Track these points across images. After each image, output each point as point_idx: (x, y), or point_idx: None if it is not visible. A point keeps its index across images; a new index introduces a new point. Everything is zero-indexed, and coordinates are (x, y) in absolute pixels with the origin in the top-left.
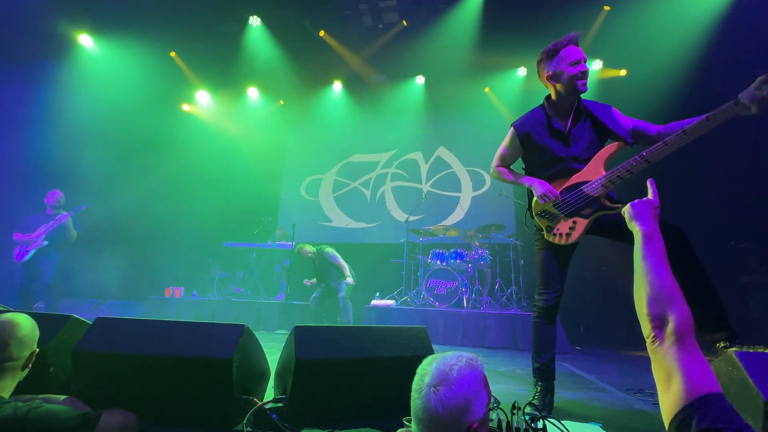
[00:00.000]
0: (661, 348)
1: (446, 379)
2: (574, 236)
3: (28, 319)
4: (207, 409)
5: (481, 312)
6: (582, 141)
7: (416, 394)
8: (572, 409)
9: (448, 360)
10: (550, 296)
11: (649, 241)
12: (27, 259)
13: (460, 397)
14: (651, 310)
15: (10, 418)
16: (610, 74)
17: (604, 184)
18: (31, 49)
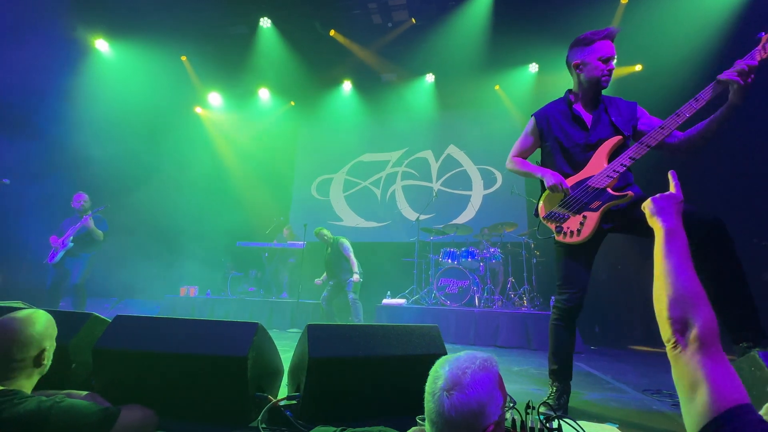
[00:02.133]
0: (683, 354)
1: (460, 383)
2: (586, 232)
3: (40, 317)
4: (223, 405)
5: (494, 311)
6: (602, 130)
7: (430, 397)
8: (588, 409)
9: (462, 362)
10: (569, 296)
11: (672, 239)
12: (56, 261)
13: (474, 402)
14: (672, 313)
15: (34, 412)
16: (624, 71)
17: (609, 175)
18: (51, 55)
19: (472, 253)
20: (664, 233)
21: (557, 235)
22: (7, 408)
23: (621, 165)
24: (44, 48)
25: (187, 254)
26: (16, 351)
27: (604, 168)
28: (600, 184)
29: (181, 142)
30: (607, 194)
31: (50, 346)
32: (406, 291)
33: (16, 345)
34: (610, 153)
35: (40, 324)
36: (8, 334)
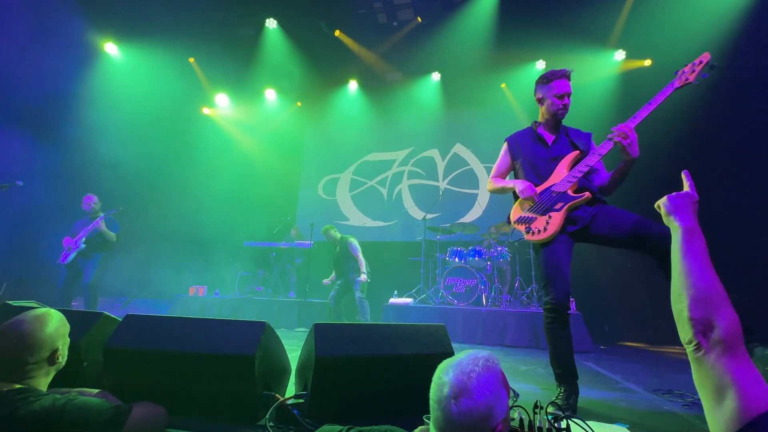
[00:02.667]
0: (707, 357)
1: (466, 389)
2: (551, 229)
3: (54, 316)
4: (231, 403)
5: (501, 310)
6: (562, 147)
7: (436, 405)
8: (597, 409)
9: (465, 366)
10: (555, 291)
11: (690, 237)
12: (69, 261)
13: (482, 406)
14: (694, 314)
15: (49, 409)
16: (633, 65)
17: (569, 180)
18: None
19: (480, 252)
20: (681, 232)
21: (526, 234)
22: (23, 405)
23: (579, 171)
24: (57, 51)
25: (195, 254)
26: (28, 354)
27: (565, 176)
28: (562, 188)
29: (190, 143)
30: (568, 196)
31: (63, 344)
32: (413, 290)
33: (27, 349)
34: (570, 165)
35: (52, 324)
36: (20, 338)
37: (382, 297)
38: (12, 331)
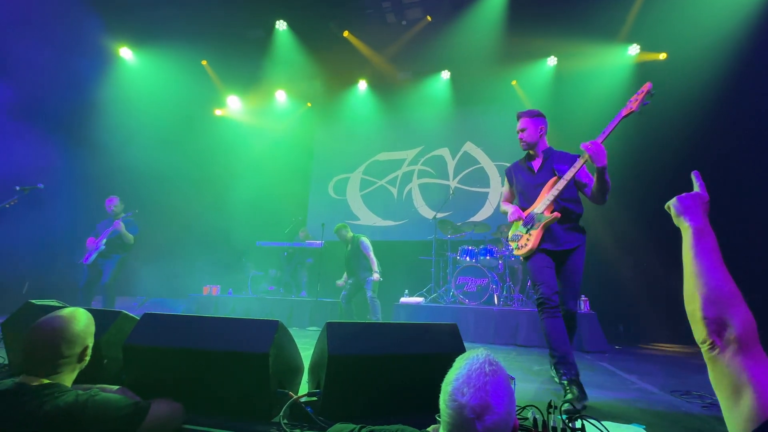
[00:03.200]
0: (722, 356)
1: (488, 406)
2: (532, 244)
3: (83, 314)
4: (246, 401)
5: (513, 309)
6: (545, 174)
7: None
8: (612, 409)
9: (476, 379)
10: (545, 286)
11: (701, 237)
12: (90, 261)
13: (505, 414)
14: (707, 313)
15: (73, 404)
16: (647, 58)
17: (545, 203)
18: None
19: (491, 250)
20: (692, 232)
21: (516, 250)
22: (49, 401)
23: (552, 195)
24: (76, 58)
25: (209, 254)
26: (64, 348)
27: (544, 198)
28: (540, 210)
29: (202, 145)
30: (544, 216)
31: (91, 343)
32: (423, 289)
33: (64, 343)
34: (550, 189)
35: (82, 322)
36: (57, 333)
37: (393, 296)
38: (46, 327)
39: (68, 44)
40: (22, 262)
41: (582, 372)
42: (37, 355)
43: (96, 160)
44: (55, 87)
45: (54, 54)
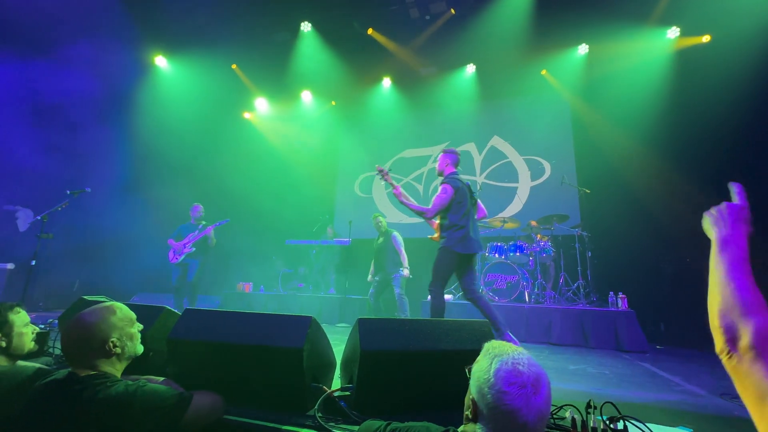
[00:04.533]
0: (741, 365)
1: (540, 376)
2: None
3: (114, 309)
4: (282, 394)
5: (545, 307)
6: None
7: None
8: (655, 411)
9: (517, 356)
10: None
11: (722, 248)
12: (180, 261)
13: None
14: (721, 322)
15: (123, 393)
16: (689, 42)
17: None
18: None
19: (521, 247)
20: (715, 243)
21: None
22: (102, 389)
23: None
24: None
25: (241, 252)
26: (87, 341)
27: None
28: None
29: (231, 146)
30: None
31: (117, 336)
32: (452, 287)
33: (87, 336)
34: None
35: (110, 317)
36: (83, 327)
37: (420, 293)
38: (76, 321)
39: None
40: (73, 262)
41: (620, 371)
42: (68, 349)
43: (136, 166)
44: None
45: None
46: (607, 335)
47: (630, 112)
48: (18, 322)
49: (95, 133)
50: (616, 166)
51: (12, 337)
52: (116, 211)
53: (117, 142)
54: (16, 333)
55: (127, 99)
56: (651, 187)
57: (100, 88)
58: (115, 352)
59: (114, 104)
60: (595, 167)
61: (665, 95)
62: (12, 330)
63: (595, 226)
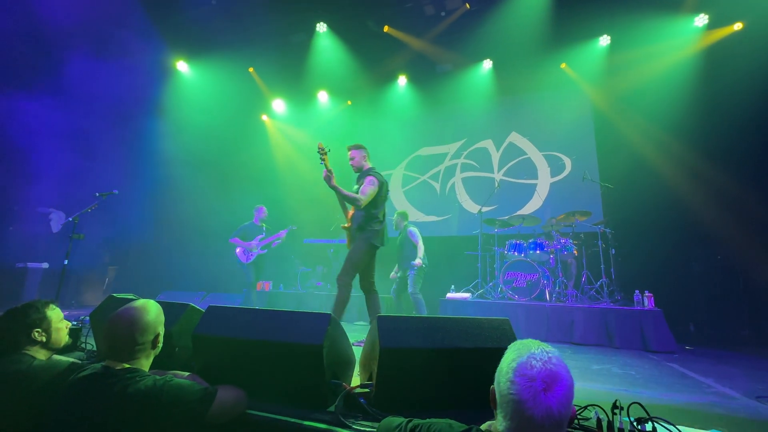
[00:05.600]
0: None
1: (557, 377)
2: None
3: (153, 305)
4: (302, 390)
5: (567, 306)
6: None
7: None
8: (685, 413)
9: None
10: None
11: None
12: (252, 261)
13: (571, 387)
14: None
15: (151, 388)
16: (719, 34)
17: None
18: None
19: (541, 244)
20: None
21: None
22: (132, 384)
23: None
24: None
25: None
26: (138, 336)
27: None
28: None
29: (250, 148)
30: None
31: (161, 331)
32: (470, 285)
33: (138, 331)
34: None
35: (153, 312)
36: (131, 322)
37: (439, 292)
38: (122, 317)
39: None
40: (102, 262)
41: (647, 372)
42: (116, 343)
43: (161, 169)
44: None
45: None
46: (633, 335)
47: (655, 105)
48: (55, 318)
49: (123, 138)
50: (641, 161)
51: (51, 332)
52: (142, 212)
53: (143, 147)
54: (54, 328)
55: (151, 104)
56: (679, 181)
57: (126, 93)
58: (158, 345)
59: (139, 110)
60: (619, 162)
61: (693, 86)
62: (50, 325)
63: (618, 222)
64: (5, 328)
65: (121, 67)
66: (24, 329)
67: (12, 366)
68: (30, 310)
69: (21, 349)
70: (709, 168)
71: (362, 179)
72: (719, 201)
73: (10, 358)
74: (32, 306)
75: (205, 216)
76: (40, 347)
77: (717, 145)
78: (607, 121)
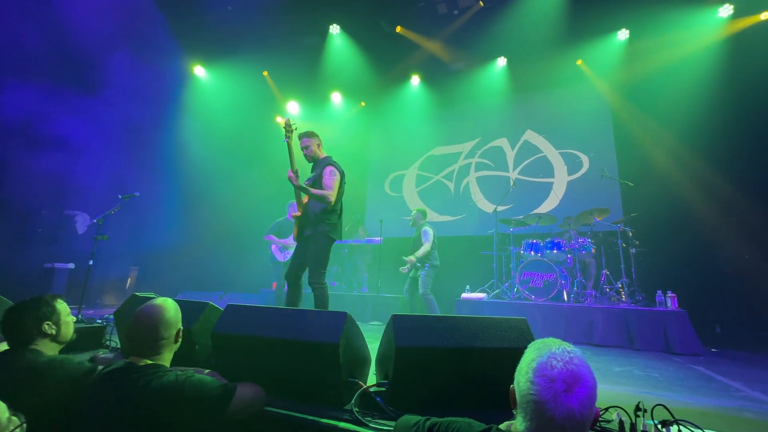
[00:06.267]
0: None
1: (579, 377)
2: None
3: (172, 303)
4: (319, 388)
5: (586, 306)
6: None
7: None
8: (713, 417)
9: (560, 354)
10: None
11: None
12: (288, 260)
13: (594, 388)
14: None
15: (173, 383)
16: (744, 23)
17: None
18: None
19: (558, 244)
20: None
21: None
22: (155, 379)
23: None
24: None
25: None
26: (162, 331)
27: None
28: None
29: (266, 150)
30: None
31: (181, 327)
32: (485, 285)
33: (162, 326)
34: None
35: (173, 309)
36: (155, 318)
37: (453, 292)
38: (146, 314)
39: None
40: (124, 262)
41: (671, 374)
42: (141, 338)
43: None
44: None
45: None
46: (655, 336)
47: (677, 98)
48: (63, 312)
49: (144, 142)
50: (663, 157)
51: (60, 326)
52: (162, 214)
53: (163, 150)
54: (63, 322)
55: (171, 109)
56: (703, 177)
57: (150, 100)
58: (179, 341)
59: (161, 115)
60: (639, 159)
61: (717, 80)
62: (60, 319)
63: (639, 221)
64: (16, 320)
65: (145, 75)
66: (35, 322)
67: (26, 361)
68: (40, 303)
69: (32, 342)
70: (736, 162)
71: (319, 169)
72: (746, 197)
73: (23, 352)
74: (42, 299)
75: (222, 218)
76: (50, 340)
77: (744, 138)
78: (626, 116)
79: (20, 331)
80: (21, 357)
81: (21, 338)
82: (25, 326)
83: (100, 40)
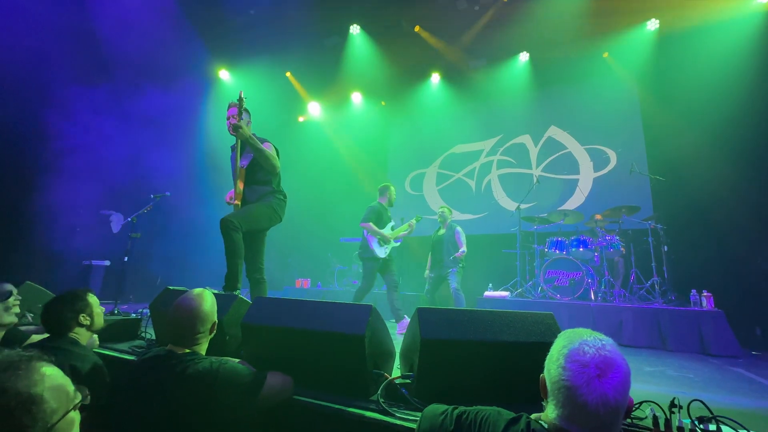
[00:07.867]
0: None
1: (613, 363)
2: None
3: (209, 294)
4: (346, 378)
5: (615, 305)
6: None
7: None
8: (753, 418)
9: (592, 340)
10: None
11: None
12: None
13: (628, 374)
14: None
15: (208, 369)
16: None
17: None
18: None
19: (584, 242)
20: None
21: None
22: (191, 365)
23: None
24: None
25: (298, 251)
26: (199, 324)
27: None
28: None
29: (289, 149)
30: None
31: (216, 318)
32: (508, 284)
33: (199, 319)
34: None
35: (210, 301)
36: (193, 311)
37: (476, 291)
38: (186, 307)
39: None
40: (155, 258)
41: (707, 375)
42: (180, 331)
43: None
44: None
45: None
46: (690, 337)
47: (710, 89)
48: (95, 304)
49: (173, 144)
50: (695, 150)
51: (94, 317)
52: (191, 212)
53: (191, 152)
54: (95, 313)
55: (199, 111)
56: (739, 171)
57: (175, 103)
58: (214, 332)
59: (188, 116)
60: (670, 153)
61: (754, 71)
62: (93, 310)
63: (671, 217)
64: (57, 312)
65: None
66: (74, 314)
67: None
68: (75, 297)
69: (70, 331)
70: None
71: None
72: None
73: (63, 339)
74: (76, 293)
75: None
76: (86, 329)
77: None
78: (656, 109)
79: (60, 322)
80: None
81: (60, 328)
82: (65, 318)
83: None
